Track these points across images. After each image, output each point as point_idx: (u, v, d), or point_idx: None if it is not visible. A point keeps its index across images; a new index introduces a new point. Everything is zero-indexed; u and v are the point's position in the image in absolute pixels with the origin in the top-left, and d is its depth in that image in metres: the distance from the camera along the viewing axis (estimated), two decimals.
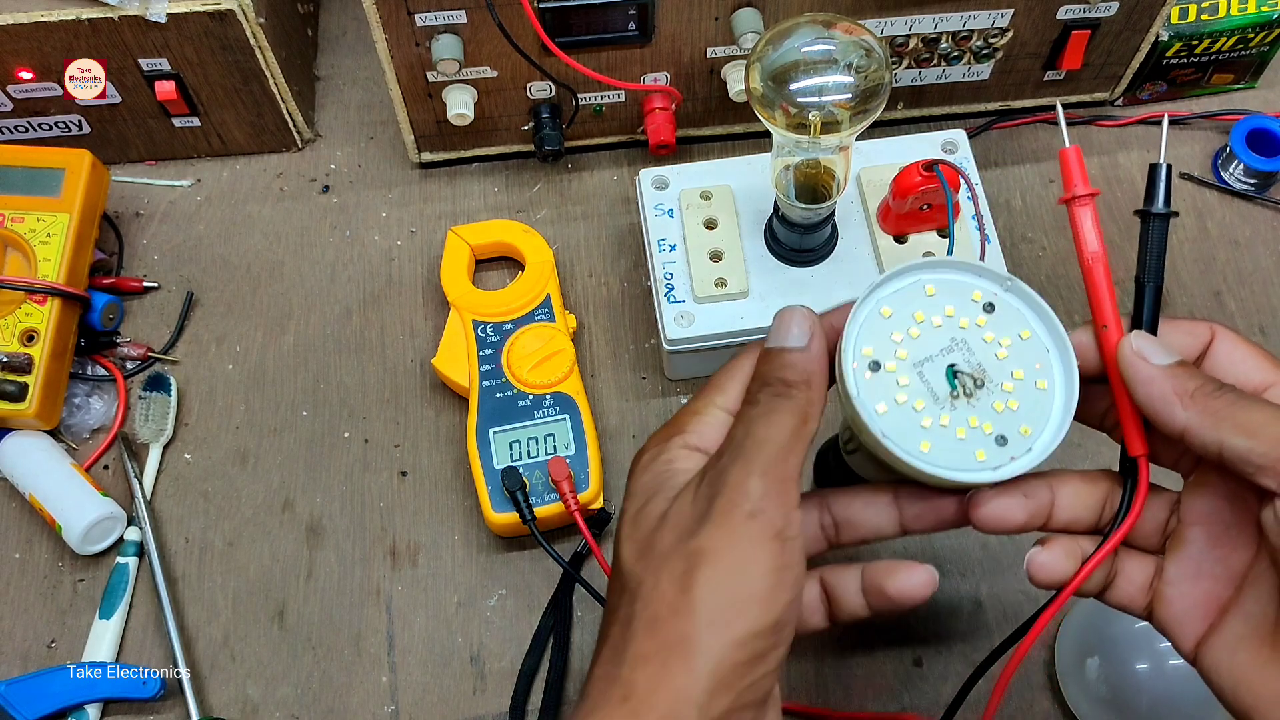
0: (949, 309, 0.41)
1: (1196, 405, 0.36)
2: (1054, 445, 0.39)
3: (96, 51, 0.63)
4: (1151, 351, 0.37)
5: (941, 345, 0.41)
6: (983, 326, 0.41)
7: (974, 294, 0.41)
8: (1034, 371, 0.40)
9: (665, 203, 0.63)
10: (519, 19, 0.60)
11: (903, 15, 0.63)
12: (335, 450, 0.64)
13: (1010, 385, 0.40)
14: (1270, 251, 0.69)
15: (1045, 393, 0.40)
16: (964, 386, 0.40)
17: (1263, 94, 0.74)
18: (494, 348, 0.62)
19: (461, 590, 0.60)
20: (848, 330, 0.40)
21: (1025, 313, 0.41)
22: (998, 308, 0.41)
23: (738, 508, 0.36)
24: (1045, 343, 0.41)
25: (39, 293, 0.62)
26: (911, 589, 0.41)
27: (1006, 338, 0.41)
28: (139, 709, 0.58)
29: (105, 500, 0.61)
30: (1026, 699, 0.57)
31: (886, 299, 0.41)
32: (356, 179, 0.72)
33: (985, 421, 0.40)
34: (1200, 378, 0.37)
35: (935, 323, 0.41)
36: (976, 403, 0.40)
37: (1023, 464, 0.39)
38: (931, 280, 0.42)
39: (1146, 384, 0.37)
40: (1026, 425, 0.40)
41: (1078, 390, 0.40)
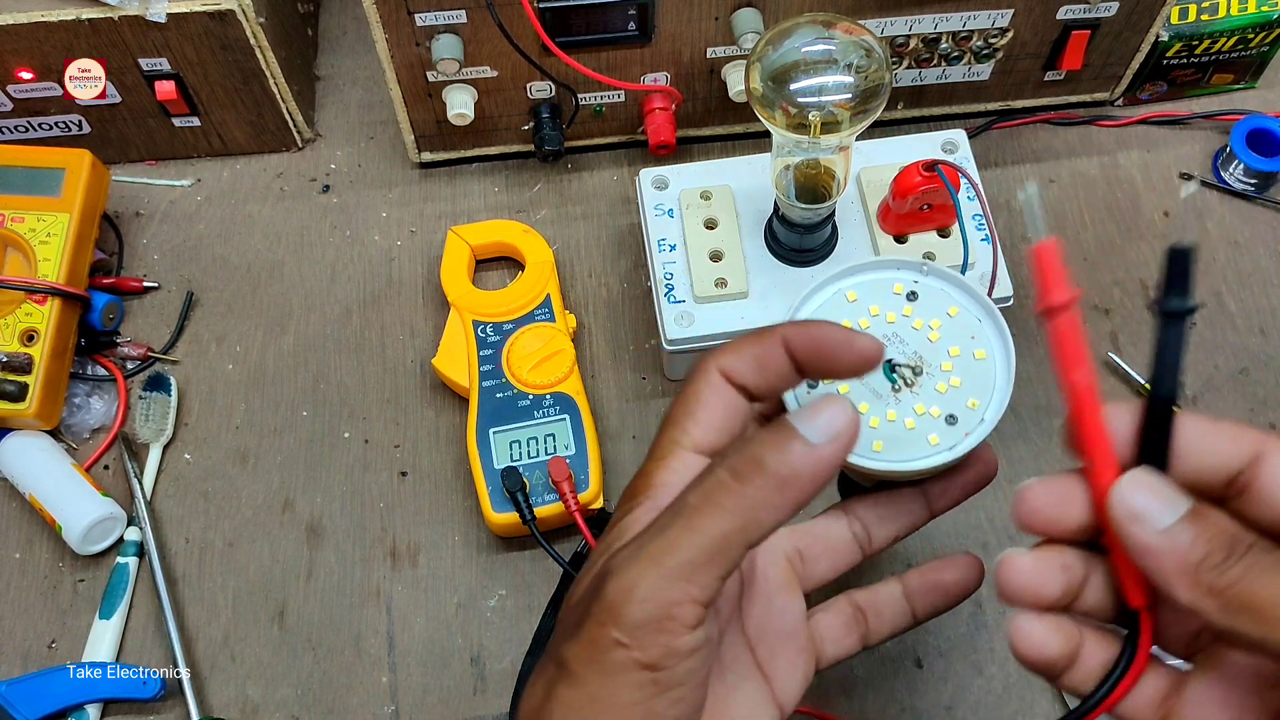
0: (873, 308, 0.42)
1: (1201, 587, 0.30)
2: (1003, 409, 0.40)
3: (96, 51, 0.63)
4: (1149, 508, 0.31)
5: None
6: (910, 315, 0.42)
7: (894, 287, 0.42)
8: (970, 344, 0.41)
9: (665, 203, 0.63)
10: (519, 19, 0.60)
11: (903, 15, 0.63)
12: (335, 450, 0.64)
13: (949, 364, 0.41)
14: (1270, 252, 0.69)
15: (985, 361, 0.41)
16: (903, 378, 0.41)
17: (1263, 94, 0.74)
18: (494, 348, 0.62)
19: (461, 590, 0.60)
20: None
21: (949, 291, 0.42)
22: (920, 294, 0.42)
23: (605, 632, 0.31)
24: (975, 314, 0.41)
25: (39, 293, 0.62)
26: (969, 578, 0.41)
27: (936, 320, 0.41)
28: (139, 709, 0.58)
29: (105, 500, 0.61)
30: (1027, 699, 0.57)
31: (811, 315, 0.42)
32: (356, 179, 0.72)
33: (932, 406, 0.40)
34: (1210, 542, 0.30)
35: (863, 325, 0.42)
36: (920, 390, 0.41)
37: (976, 436, 0.40)
38: (849, 286, 0.42)
39: (1142, 555, 0.31)
40: (974, 398, 0.40)
41: (1013, 349, 0.40)
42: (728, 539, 0.31)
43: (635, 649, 0.31)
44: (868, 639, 0.42)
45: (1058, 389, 0.60)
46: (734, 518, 0.31)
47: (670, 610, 0.31)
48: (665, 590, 0.31)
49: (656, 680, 0.31)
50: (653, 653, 0.31)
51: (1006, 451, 0.63)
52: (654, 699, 0.31)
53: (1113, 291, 0.67)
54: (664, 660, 0.31)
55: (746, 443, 0.33)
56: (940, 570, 0.42)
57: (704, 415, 0.35)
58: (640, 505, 0.35)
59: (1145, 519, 0.31)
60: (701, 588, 0.31)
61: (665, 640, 0.31)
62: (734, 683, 0.39)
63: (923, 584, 0.42)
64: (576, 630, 0.32)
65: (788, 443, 0.32)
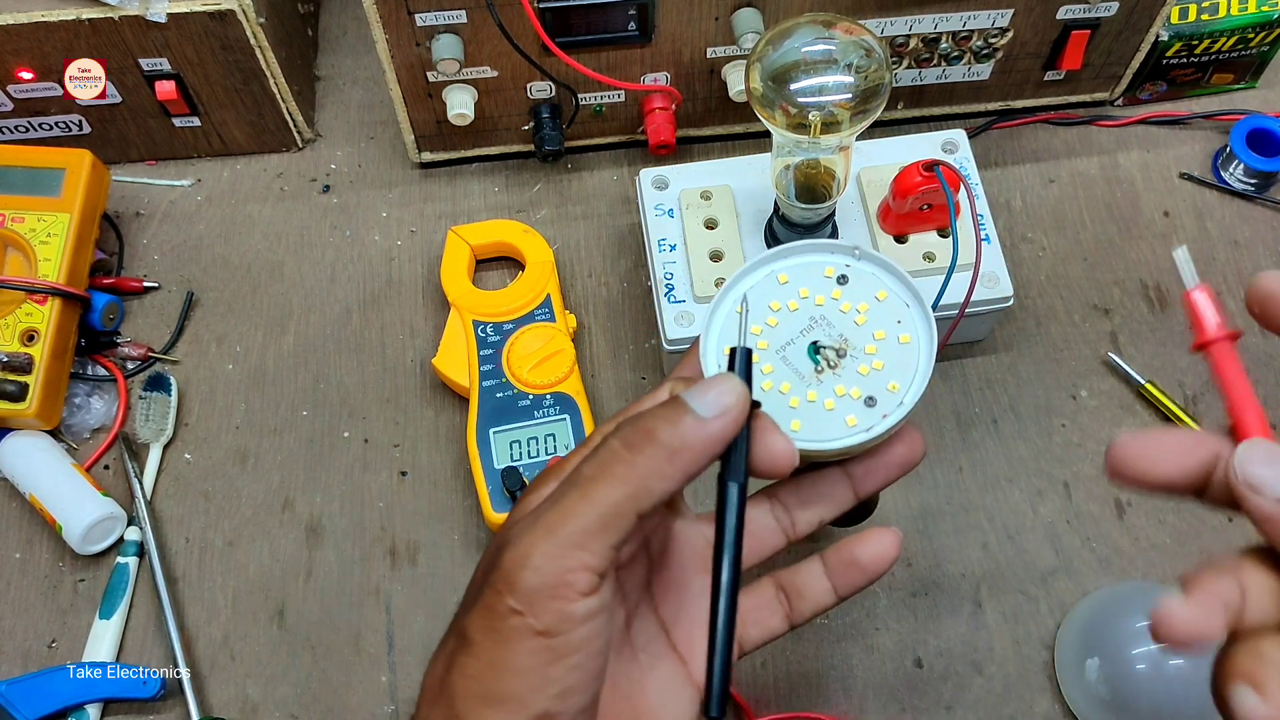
0: (803, 291, 0.42)
1: None
2: (922, 391, 0.40)
3: (96, 51, 0.63)
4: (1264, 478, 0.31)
5: (801, 326, 0.42)
6: (839, 299, 0.42)
7: (826, 270, 0.43)
8: (895, 327, 0.42)
9: (665, 203, 0.63)
10: (519, 19, 0.60)
11: (903, 15, 0.63)
12: (335, 450, 0.64)
13: (873, 347, 0.41)
14: (1270, 252, 0.69)
15: (909, 345, 0.41)
16: (827, 360, 0.41)
17: (1263, 94, 0.74)
18: (494, 348, 0.62)
19: (461, 590, 0.60)
20: (705, 334, 0.42)
21: (880, 275, 0.42)
22: (851, 278, 0.42)
23: (501, 599, 0.33)
24: (903, 298, 0.42)
25: (39, 293, 0.62)
26: (885, 551, 0.41)
27: (864, 304, 0.42)
28: (139, 709, 0.58)
29: (105, 500, 0.61)
30: (1026, 699, 0.57)
31: (742, 296, 0.43)
32: (356, 179, 0.72)
33: (853, 388, 0.41)
34: None
35: (792, 306, 0.42)
36: (841, 372, 0.41)
37: (894, 418, 0.40)
38: (782, 268, 0.43)
39: (1266, 523, 0.31)
40: (894, 381, 0.41)
41: (935, 335, 0.41)
42: (620, 506, 0.33)
43: (530, 615, 0.32)
44: (793, 619, 0.42)
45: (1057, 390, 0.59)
46: (625, 486, 0.33)
47: (564, 577, 0.32)
48: (559, 558, 0.32)
49: (552, 647, 0.33)
50: (547, 619, 0.32)
51: (1006, 451, 0.63)
52: (550, 665, 0.33)
53: (1113, 291, 0.67)
54: (558, 626, 0.32)
55: (640, 416, 0.35)
56: (855, 547, 0.41)
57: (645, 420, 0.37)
58: (545, 486, 0.37)
59: (1262, 489, 0.31)
60: (594, 554, 0.33)
61: (559, 607, 0.32)
62: (648, 663, 0.40)
63: (841, 562, 0.42)
64: (475, 601, 0.34)
65: (679, 416, 0.34)
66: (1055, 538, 0.60)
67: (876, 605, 0.59)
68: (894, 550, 0.41)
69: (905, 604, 0.59)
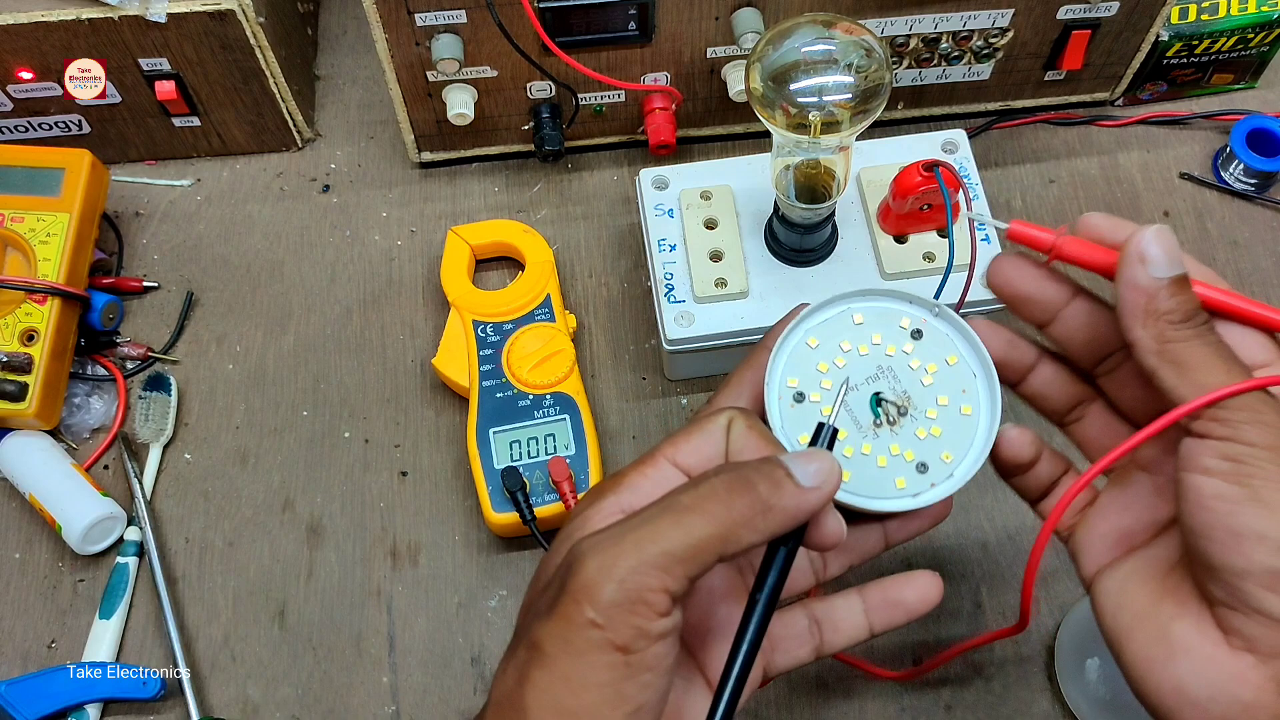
0: (876, 336, 0.42)
1: (1152, 327, 0.36)
2: (974, 470, 0.40)
3: (96, 51, 0.63)
4: (1157, 257, 0.36)
5: (867, 373, 0.41)
6: (910, 353, 0.41)
7: (902, 321, 0.42)
8: (959, 397, 0.41)
9: (665, 203, 0.63)
10: (519, 19, 0.60)
11: (903, 15, 0.63)
12: (335, 450, 0.64)
13: (934, 412, 0.41)
14: (1270, 252, 0.69)
15: (969, 419, 0.41)
16: (888, 415, 0.41)
17: (1263, 94, 0.74)
18: (494, 348, 0.62)
19: (462, 591, 0.60)
20: (772, 363, 0.41)
21: (954, 338, 0.42)
22: (925, 334, 0.42)
23: (580, 610, 0.33)
24: (972, 367, 0.41)
25: (39, 292, 0.62)
26: (929, 595, 0.42)
27: (933, 364, 0.41)
28: (139, 709, 0.58)
29: (105, 500, 0.61)
30: (1026, 699, 0.57)
31: (814, 329, 0.42)
32: (356, 179, 0.72)
33: (907, 449, 0.40)
34: (1178, 302, 0.36)
35: (862, 350, 0.41)
36: (900, 430, 0.40)
37: (942, 490, 0.40)
38: (860, 309, 0.42)
39: (1126, 286, 0.37)
40: (949, 452, 0.40)
41: (1000, 415, 0.40)
42: (708, 542, 0.33)
43: (608, 629, 0.32)
44: (821, 650, 0.43)
45: None
46: (718, 525, 0.34)
47: (644, 595, 0.32)
48: (643, 575, 0.32)
49: (628, 662, 0.33)
50: (624, 634, 0.32)
51: None
52: (624, 681, 0.33)
53: None
54: (635, 643, 0.32)
55: (742, 465, 0.36)
56: (902, 588, 0.43)
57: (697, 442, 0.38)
58: (605, 499, 0.37)
59: (1150, 263, 0.36)
60: (675, 580, 0.33)
61: (637, 623, 0.32)
62: (683, 687, 0.40)
63: (884, 600, 0.43)
64: (550, 611, 0.33)
65: (781, 478, 0.35)
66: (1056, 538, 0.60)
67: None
68: (937, 594, 0.42)
69: None
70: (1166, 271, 0.36)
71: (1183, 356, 0.36)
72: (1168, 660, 0.36)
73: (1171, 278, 0.36)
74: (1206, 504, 0.35)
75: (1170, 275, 0.36)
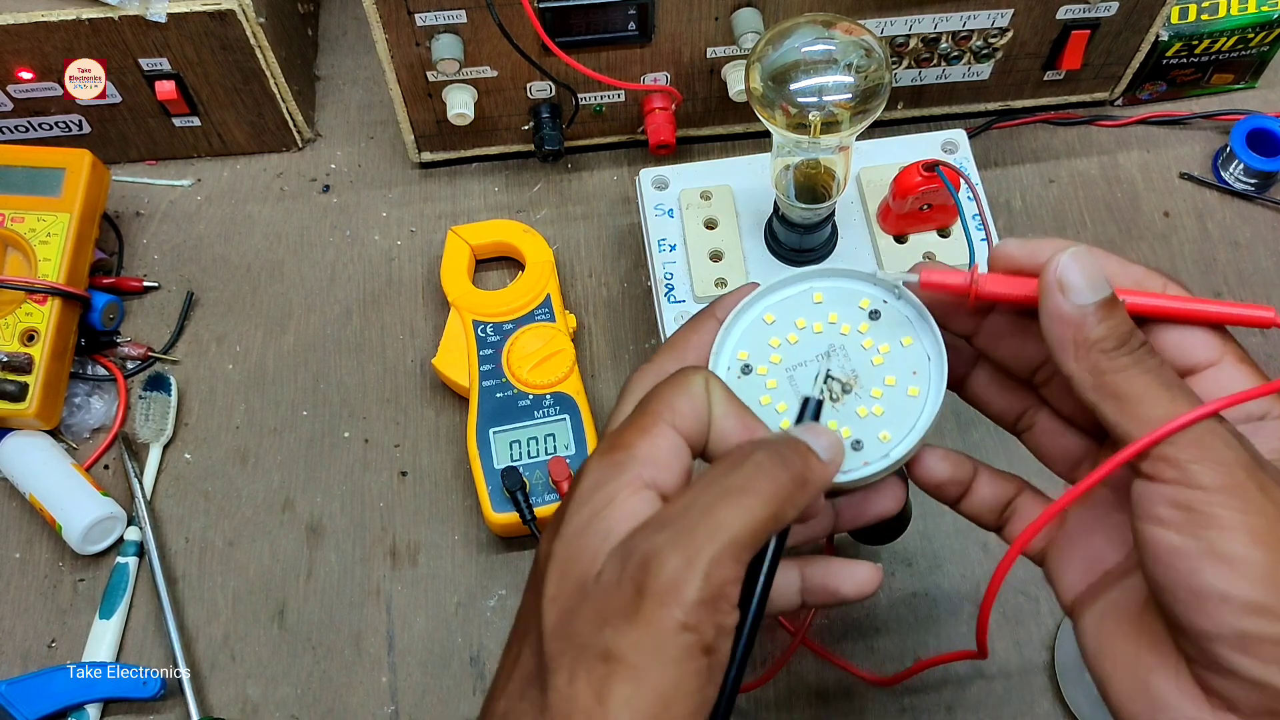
0: (833, 316, 0.42)
1: (1085, 360, 0.34)
2: (910, 449, 0.40)
3: (96, 51, 0.63)
4: (1077, 283, 0.34)
5: (818, 351, 0.41)
6: (864, 332, 0.41)
7: (861, 301, 0.42)
8: (908, 379, 0.40)
9: (665, 203, 0.63)
10: (519, 19, 0.60)
11: (903, 15, 0.63)
12: (335, 450, 0.64)
13: (879, 392, 0.40)
14: (1271, 252, 0.69)
15: (914, 400, 0.40)
16: (830, 391, 0.40)
17: (1263, 94, 0.74)
18: (494, 348, 0.62)
19: (461, 590, 0.60)
20: (722, 335, 0.41)
21: (913, 321, 0.41)
22: (884, 315, 0.41)
23: (668, 613, 0.30)
24: (926, 350, 0.41)
25: (39, 292, 0.62)
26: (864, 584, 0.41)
27: (886, 345, 0.41)
28: (139, 709, 0.58)
29: (105, 500, 0.61)
30: (1026, 699, 0.57)
31: (773, 306, 0.42)
32: (356, 179, 0.72)
33: (845, 426, 0.40)
34: (1109, 328, 0.34)
35: (816, 329, 0.42)
36: (841, 408, 0.40)
37: (874, 469, 0.39)
38: (821, 287, 0.42)
39: (1051, 318, 0.35)
40: (888, 432, 0.40)
41: (942, 400, 0.40)
42: (764, 524, 0.32)
43: (698, 630, 0.30)
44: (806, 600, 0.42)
45: None
46: (770, 505, 0.32)
47: (725, 589, 0.31)
48: (722, 567, 0.31)
49: (711, 665, 0.31)
50: (709, 634, 0.31)
51: (1007, 451, 0.62)
52: (707, 685, 0.31)
53: None
54: (718, 641, 0.31)
55: (772, 443, 0.34)
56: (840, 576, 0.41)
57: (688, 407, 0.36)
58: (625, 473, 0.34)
59: (1070, 291, 0.34)
60: (742, 567, 0.32)
61: (718, 620, 0.31)
62: None
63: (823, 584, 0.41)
64: (630, 617, 0.30)
65: (805, 453, 0.34)
66: None
67: (877, 605, 0.59)
68: (872, 588, 0.41)
69: (905, 604, 0.59)
70: (1091, 297, 0.34)
71: (1122, 389, 0.33)
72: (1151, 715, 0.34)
73: (1098, 302, 0.34)
74: (1164, 560, 0.32)
75: (1096, 300, 0.34)
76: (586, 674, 0.31)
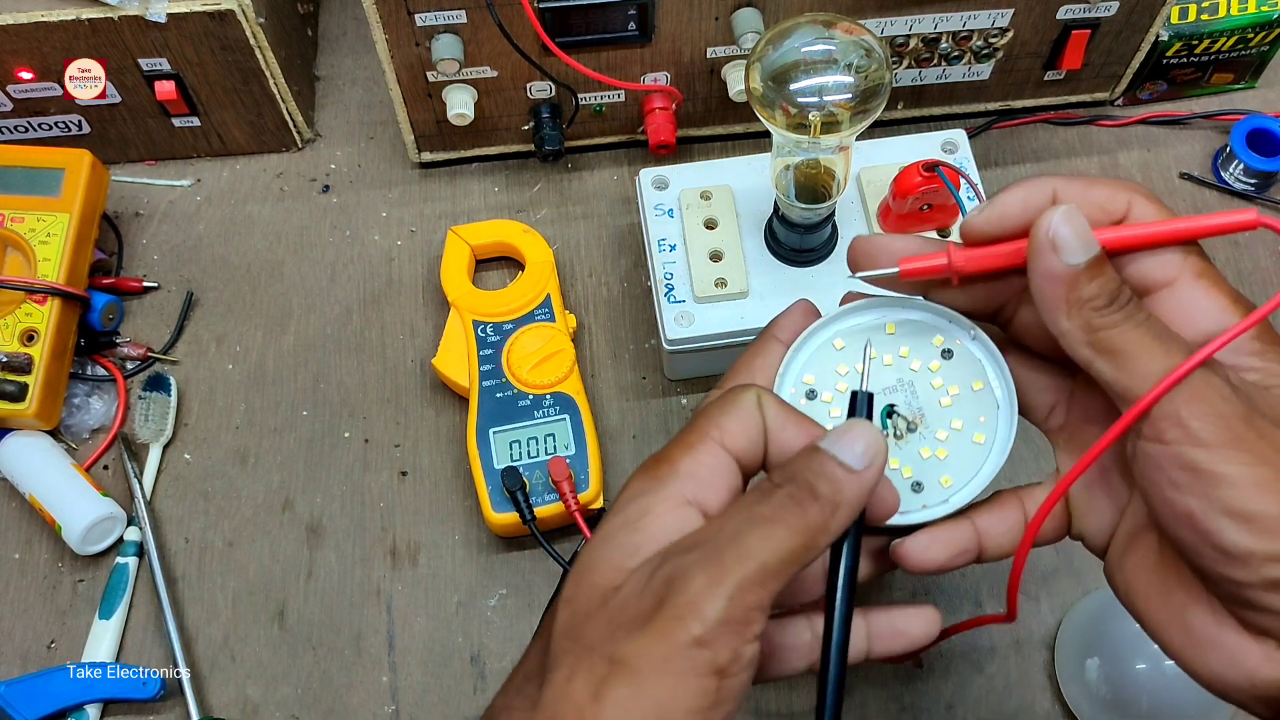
0: (904, 349, 0.41)
1: (1077, 318, 0.34)
2: (971, 499, 0.39)
3: (96, 51, 0.63)
4: (1069, 242, 0.34)
5: (886, 384, 0.40)
6: (935, 371, 0.40)
7: (935, 339, 0.41)
8: (975, 425, 0.40)
9: (665, 203, 0.63)
10: (519, 19, 0.60)
11: (903, 15, 0.63)
12: (335, 450, 0.64)
13: (945, 434, 0.40)
14: (1270, 252, 0.69)
15: (979, 448, 0.40)
16: (895, 428, 0.40)
17: (1263, 94, 0.74)
18: (494, 348, 0.62)
19: (462, 590, 0.60)
20: (790, 356, 0.40)
21: (985, 365, 0.40)
22: (956, 355, 0.40)
23: (684, 627, 0.30)
24: (996, 398, 0.40)
25: (39, 293, 0.62)
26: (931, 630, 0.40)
27: (956, 386, 0.40)
28: (139, 709, 0.58)
29: (105, 500, 0.61)
30: (1026, 699, 0.57)
31: (844, 332, 0.41)
32: (356, 179, 0.72)
33: (906, 465, 0.39)
34: (1100, 284, 0.34)
35: (886, 361, 0.41)
36: (904, 446, 0.40)
37: (932, 513, 0.39)
38: (895, 319, 0.41)
39: (1042, 278, 0.34)
40: (949, 476, 0.39)
41: (1009, 449, 0.39)
42: (794, 555, 0.32)
43: (713, 649, 0.30)
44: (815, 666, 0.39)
45: None
46: (800, 536, 0.32)
47: (748, 614, 0.31)
48: (748, 593, 0.31)
49: (720, 688, 0.31)
50: (724, 656, 0.31)
51: None
52: (713, 709, 0.31)
53: None
54: (731, 665, 0.31)
55: (795, 470, 0.34)
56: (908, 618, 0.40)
57: (736, 421, 0.36)
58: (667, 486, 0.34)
59: (1061, 249, 0.34)
60: (769, 596, 0.31)
61: (736, 645, 0.31)
62: None
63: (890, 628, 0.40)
64: (644, 626, 0.31)
65: (833, 469, 0.34)
66: None
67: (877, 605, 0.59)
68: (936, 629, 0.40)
69: None
70: (1083, 255, 0.34)
71: (1116, 344, 0.34)
72: (1196, 651, 0.35)
73: (1089, 260, 0.34)
74: (1183, 522, 0.33)
75: (1087, 258, 0.34)
76: (587, 672, 0.31)
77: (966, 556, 0.40)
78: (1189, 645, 0.35)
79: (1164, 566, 0.36)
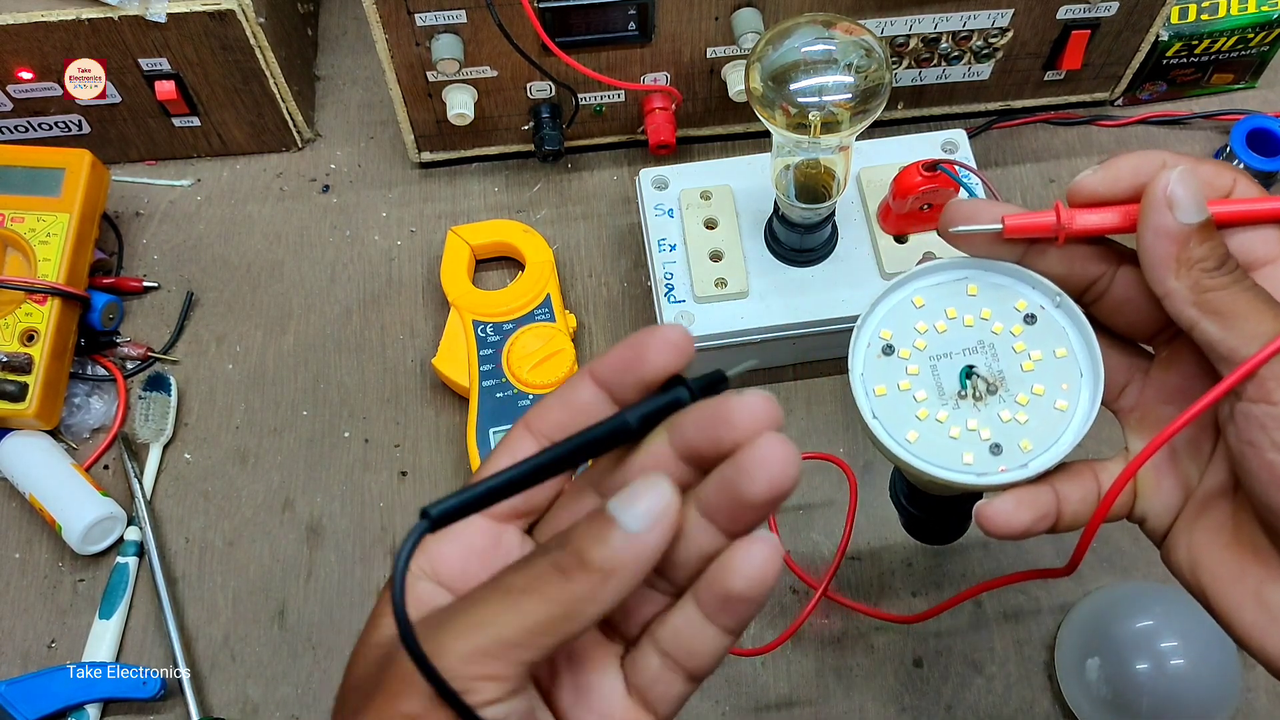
0: (986, 311, 0.40)
1: (1186, 277, 0.34)
2: (1051, 465, 0.38)
3: (96, 51, 0.63)
4: (1185, 202, 0.34)
5: (966, 345, 0.40)
6: (1017, 335, 0.40)
7: (1018, 303, 0.40)
8: (1058, 391, 0.39)
9: (665, 203, 0.63)
10: (519, 19, 0.60)
11: (903, 15, 0.63)
12: (335, 450, 0.64)
13: (1026, 399, 0.39)
14: None
15: (1062, 414, 0.39)
16: (974, 389, 0.39)
17: (1263, 94, 0.74)
18: (494, 348, 0.62)
19: None
20: (870, 310, 0.40)
21: (1070, 333, 0.40)
22: (1040, 320, 0.40)
23: (393, 705, 0.29)
24: (1081, 366, 0.39)
25: (39, 293, 0.62)
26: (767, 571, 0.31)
27: (1039, 352, 0.40)
28: (139, 709, 0.58)
29: (105, 500, 0.61)
30: (1027, 699, 0.57)
31: (924, 290, 0.41)
32: (356, 179, 0.72)
33: (985, 427, 0.39)
34: (1210, 248, 0.34)
35: (967, 321, 0.40)
36: (983, 408, 0.39)
37: (1010, 476, 0.38)
38: (975, 279, 0.41)
39: (1155, 234, 0.35)
40: (1029, 441, 0.39)
41: (1094, 416, 0.38)
42: (548, 625, 0.29)
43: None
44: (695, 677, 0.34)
45: None
46: (556, 606, 0.29)
47: (468, 685, 0.28)
48: (469, 664, 0.28)
49: None
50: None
51: None
52: None
53: None
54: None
55: (568, 535, 0.30)
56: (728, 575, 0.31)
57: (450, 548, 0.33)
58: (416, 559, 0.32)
59: (1177, 207, 0.34)
60: (508, 666, 0.29)
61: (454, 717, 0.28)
62: None
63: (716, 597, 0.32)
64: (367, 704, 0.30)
65: (609, 534, 0.30)
66: (1056, 538, 0.60)
67: (877, 605, 0.59)
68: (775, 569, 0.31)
69: (905, 604, 0.59)
70: (1196, 216, 0.34)
71: (1224, 305, 0.34)
72: (1272, 629, 0.34)
73: (1201, 222, 0.34)
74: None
75: (1200, 220, 0.34)
76: None
77: (1047, 521, 0.39)
78: (1263, 623, 0.34)
79: (1238, 543, 0.36)
